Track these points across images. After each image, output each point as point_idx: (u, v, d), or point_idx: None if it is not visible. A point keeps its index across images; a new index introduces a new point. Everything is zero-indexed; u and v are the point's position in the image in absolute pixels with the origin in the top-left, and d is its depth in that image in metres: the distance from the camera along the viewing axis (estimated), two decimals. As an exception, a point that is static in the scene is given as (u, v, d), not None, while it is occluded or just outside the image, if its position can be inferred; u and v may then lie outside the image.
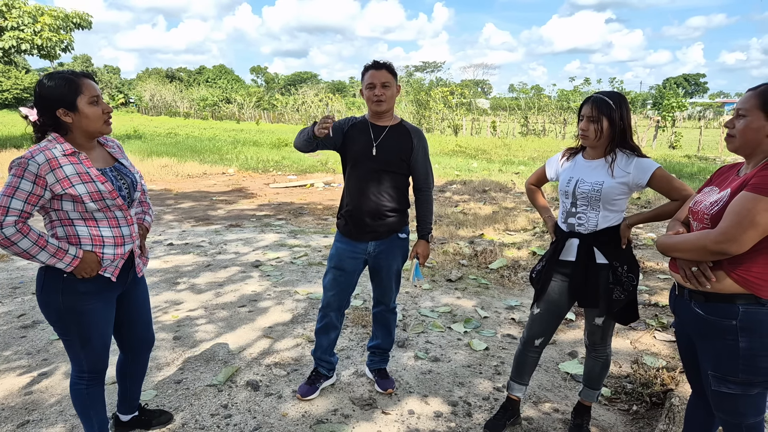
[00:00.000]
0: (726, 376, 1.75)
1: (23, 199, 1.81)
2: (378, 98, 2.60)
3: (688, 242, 1.76)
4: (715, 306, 1.74)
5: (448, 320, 4.06)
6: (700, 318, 1.78)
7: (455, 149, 20.60)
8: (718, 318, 1.73)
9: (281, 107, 53.62)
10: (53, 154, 1.86)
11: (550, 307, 2.46)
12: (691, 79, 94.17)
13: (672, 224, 2.01)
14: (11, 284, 4.66)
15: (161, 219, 7.70)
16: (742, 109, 1.72)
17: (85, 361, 2.13)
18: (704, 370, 1.83)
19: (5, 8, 16.35)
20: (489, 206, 8.77)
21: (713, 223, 1.71)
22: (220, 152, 16.60)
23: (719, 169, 1.96)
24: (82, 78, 1.93)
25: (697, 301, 1.80)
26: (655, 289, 4.79)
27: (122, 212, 2.05)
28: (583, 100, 2.32)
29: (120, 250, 2.05)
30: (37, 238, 1.85)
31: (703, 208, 1.78)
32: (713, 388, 1.80)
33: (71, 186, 1.86)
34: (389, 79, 2.61)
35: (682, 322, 1.91)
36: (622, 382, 3.12)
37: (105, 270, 2.02)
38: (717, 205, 1.72)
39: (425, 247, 2.83)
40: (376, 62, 2.62)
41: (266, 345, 3.57)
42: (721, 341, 1.74)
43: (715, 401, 1.82)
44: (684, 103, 25.75)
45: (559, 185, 2.45)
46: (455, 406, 2.86)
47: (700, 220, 1.79)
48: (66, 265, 1.90)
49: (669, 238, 1.86)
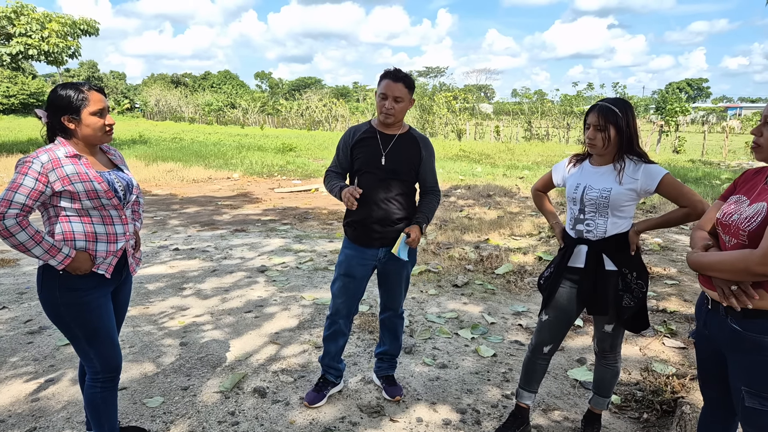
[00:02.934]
0: (761, 392, 1.69)
1: (26, 194, 1.93)
2: (387, 111, 2.61)
3: (727, 262, 1.67)
4: (754, 322, 1.67)
5: (455, 326, 4.04)
6: (737, 333, 1.72)
7: (459, 154, 20.60)
8: (757, 334, 1.67)
9: (285, 112, 53.79)
10: (56, 155, 2.01)
11: (559, 313, 2.44)
12: (693, 83, 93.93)
13: (698, 237, 1.90)
14: (18, 289, 4.67)
15: (167, 224, 7.71)
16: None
17: (96, 359, 2.18)
18: (735, 385, 1.77)
19: (14, 15, 16.49)
20: (494, 211, 8.74)
21: (751, 239, 1.63)
22: (224, 157, 16.64)
23: (743, 175, 1.88)
24: (91, 91, 2.07)
25: (733, 316, 1.73)
26: (663, 295, 4.75)
27: (117, 211, 2.15)
28: (588, 108, 2.31)
29: (112, 247, 2.15)
30: (34, 233, 1.96)
31: (737, 222, 1.70)
32: (746, 405, 1.73)
33: (70, 184, 2.00)
34: (403, 94, 2.59)
35: (713, 336, 1.83)
36: (632, 390, 3.10)
37: (98, 267, 2.11)
38: (755, 221, 1.64)
39: (417, 231, 2.70)
40: (396, 73, 2.59)
41: (273, 351, 3.56)
42: (757, 357, 1.68)
43: (746, 417, 1.76)
44: (687, 108, 25.75)
45: (567, 192, 2.44)
46: (464, 414, 2.84)
47: (734, 235, 1.71)
48: (58, 262, 2.01)
49: (703, 257, 1.76)
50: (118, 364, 2.24)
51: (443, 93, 38.60)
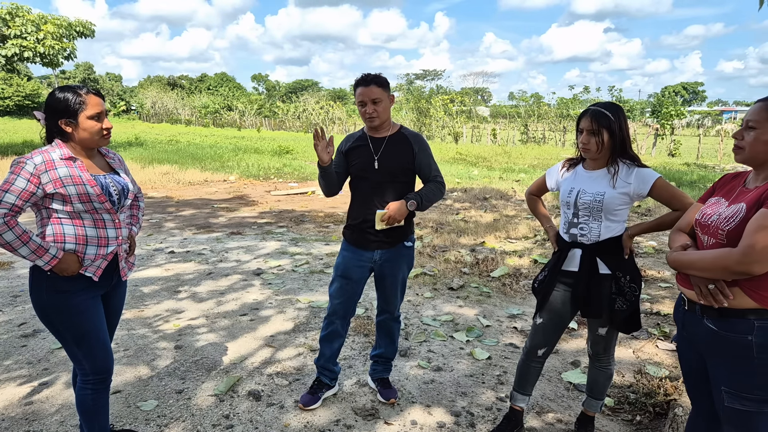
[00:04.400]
0: (740, 392, 1.70)
1: (16, 194, 1.93)
2: (370, 116, 2.62)
3: (705, 261, 1.69)
4: (730, 321, 1.69)
5: (450, 329, 4.05)
6: (714, 333, 1.73)
7: (456, 157, 20.65)
8: (734, 333, 1.68)
9: (282, 115, 53.79)
10: (51, 157, 2.01)
11: (553, 317, 2.45)
12: (689, 87, 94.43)
13: (676, 236, 1.94)
14: (12, 292, 4.65)
15: (162, 227, 7.70)
16: (752, 121, 1.67)
17: (86, 361, 2.17)
18: (716, 386, 1.78)
19: (9, 17, 16.47)
20: (490, 214, 8.77)
21: (729, 239, 1.65)
22: (221, 159, 16.63)
23: (722, 178, 1.92)
24: (89, 94, 2.06)
25: (709, 316, 1.74)
26: (657, 298, 4.78)
27: (110, 215, 2.14)
28: (580, 114, 2.33)
29: (102, 251, 2.14)
30: (21, 233, 1.96)
31: (716, 222, 1.72)
32: (726, 404, 1.74)
33: (62, 186, 1.99)
34: (379, 95, 2.60)
35: (692, 337, 1.85)
36: (625, 392, 3.11)
37: (86, 270, 2.10)
38: (733, 221, 1.66)
39: (396, 205, 2.59)
40: (364, 78, 2.61)
41: (268, 354, 3.56)
42: (735, 357, 1.69)
43: (727, 418, 1.77)
44: (682, 111, 25.85)
45: (561, 196, 2.45)
46: (458, 417, 2.85)
47: (713, 235, 1.73)
48: (45, 263, 2.01)
49: (684, 255, 1.79)
50: (108, 366, 2.23)
51: (440, 96, 38.68)
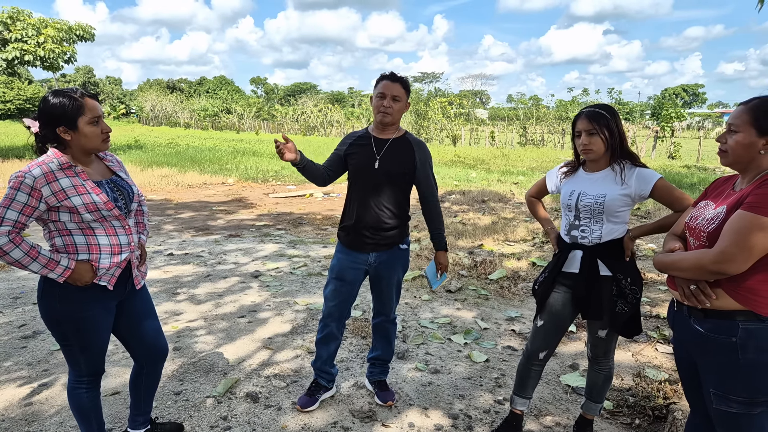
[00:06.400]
0: (727, 394, 1.70)
1: (18, 210, 1.88)
2: (385, 110, 2.63)
3: (685, 261, 1.72)
4: (715, 322, 1.70)
5: (448, 331, 4.05)
6: (700, 335, 1.74)
7: (454, 159, 20.65)
8: (718, 335, 1.69)
9: (281, 117, 53.77)
10: (50, 168, 1.93)
11: (554, 319, 2.45)
12: (689, 89, 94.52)
13: (668, 240, 1.97)
14: (12, 294, 4.65)
15: (161, 229, 7.70)
16: (734, 125, 1.68)
17: (84, 366, 2.18)
18: (705, 387, 1.78)
19: (9, 21, 16.49)
20: (488, 216, 8.77)
21: (710, 240, 1.68)
22: (220, 162, 16.63)
23: (714, 182, 1.93)
24: (85, 98, 1.99)
25: (696, 317, 1.76)
26: (657, 301, 4.78)
27: (119, 222, 2.10)
28: (575, 117, 2.32)
29: (116, 259, 2.10)
30: (29, 249, 1.91)
31: (700, 225, 1.75)
32: (715, 406, 1.75)
33: (67, 198, 1.94)
34: (401, 94, 2.63)
35: (681, 338, 1.87)
36: (624, 395, 3.11)
37: (100, 279, 2.06)
38: (714, 223, 1.68)
39: (445, 257, 2.87)
40: (393, 74, 2.65)
41: (266, 356, 3.56)
42: (721, 358, 1.70)
43: (717, 420, 1.77)
44: (683, 113, 25.85)
45: (561, 198, 2.45)
46: (456, 419, 2.84)
47: (697, 237, 1.76)
48: (58, 275, 1.97)
49: (666, 256, 1.82)
50: (102, 369, 2.26)
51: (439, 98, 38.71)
